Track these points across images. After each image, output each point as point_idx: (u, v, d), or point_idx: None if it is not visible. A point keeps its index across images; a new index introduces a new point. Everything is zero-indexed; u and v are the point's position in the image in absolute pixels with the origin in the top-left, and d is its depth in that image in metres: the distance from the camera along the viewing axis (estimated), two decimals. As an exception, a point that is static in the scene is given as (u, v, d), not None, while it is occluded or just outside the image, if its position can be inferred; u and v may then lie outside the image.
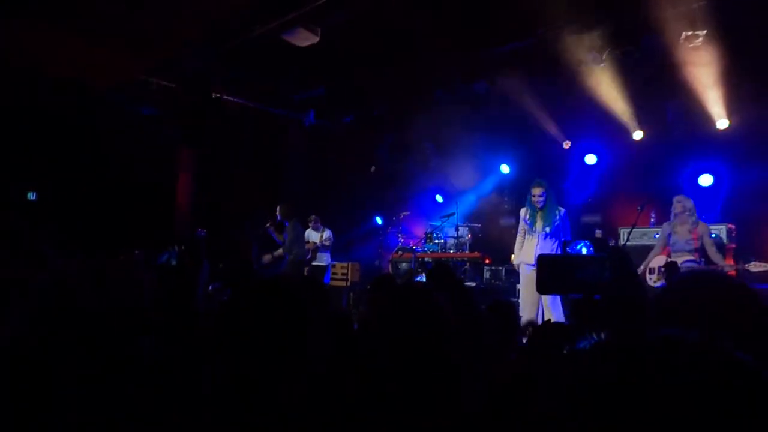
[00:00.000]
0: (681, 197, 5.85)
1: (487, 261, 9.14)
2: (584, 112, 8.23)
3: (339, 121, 10.91)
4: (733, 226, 6.85)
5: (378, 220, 11.53)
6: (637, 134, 8.15)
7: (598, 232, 7.70)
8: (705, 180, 7.75)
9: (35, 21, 6.54)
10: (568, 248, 2.84)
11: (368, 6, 6.72)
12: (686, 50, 6.83)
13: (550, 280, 2.13)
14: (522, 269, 6.04)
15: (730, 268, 5.52)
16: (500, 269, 8.89)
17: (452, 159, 10.64)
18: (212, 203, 9.90)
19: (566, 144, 8.97)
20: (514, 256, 6.30)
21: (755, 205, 7.12)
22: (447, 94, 9.18)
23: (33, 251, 2.01)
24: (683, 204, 5.71)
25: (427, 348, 1.42)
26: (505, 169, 10.06)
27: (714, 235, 6.12)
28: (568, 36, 7.10)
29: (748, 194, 7.19)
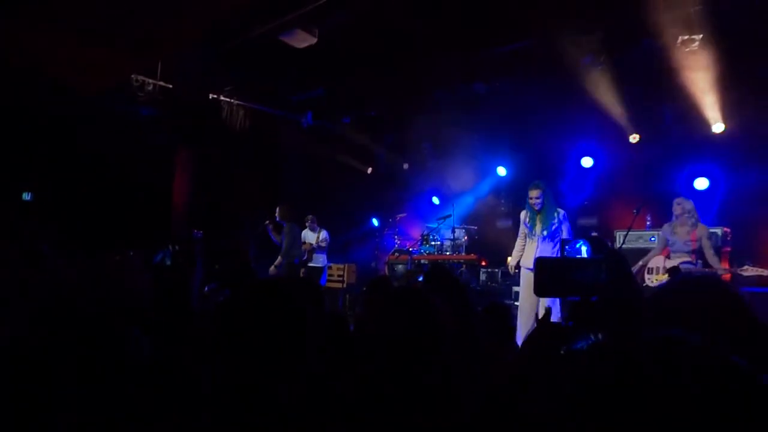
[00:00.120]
0: (680, 199, 5.90)
1: (484, 263, 9.16)
2: (581, 115, 8.25)
3: (337, 122, 10.91)
4: (729, 230, 6.88)
5: (374, 222, 11.54)
6: (634, 137, 8.17)
7: (594, 234, 7.72)
8: (701, 183, 7.77)
9: (31, 21, 6.52)
10: (567, 247, 2.84)
11: (366, 7, 6.72)
12: (683, 54, 6.85)
13: (548, 283, 2.13)
14: (522, 272, 6.03)
15: (725, 272, 5.56)
16: (496, 271, 8.90)
17: (449, 160, 10.66)
18: (210, 204, 9.89)
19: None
20: (511, 258, 6.28)
21: (751, 209, 7.15)
22: (445, 96, 9.18)
23: (31, 251, 2.00)
24: (683, 206, 5.77)
25: (423, 350, 1.42)
26: (502, 172, 10.07)
27: (720, 234, 6.22)
28: (566, 38, 7.11)
29: (744, 198, 7.22)
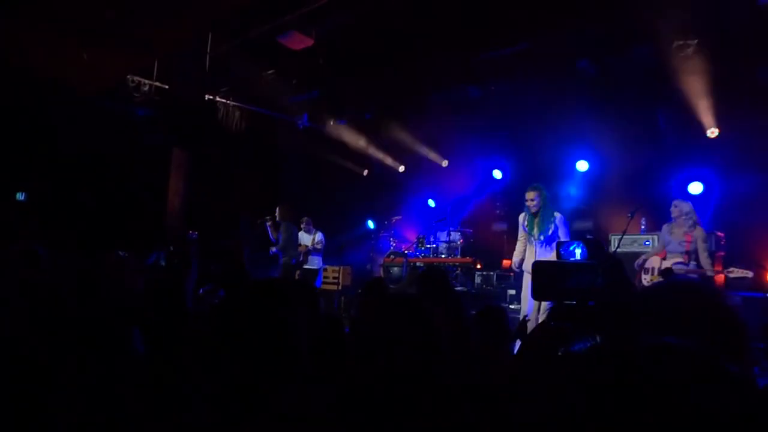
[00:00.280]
0: (678, 201, 5.96)
1: (479, 266, 9.16)
2: (576, 119, 8.28)
3: (333, 124, 10.91)
4: (722, 234, 6.92)
5: (370, 224, 11.54)
6: (627, 142, 8.20)
7: (590, 237, 7.73)
8: (695, 188, 7.81)
9: (28, 21, 6.50)
10: (562, 249, 2.85)
11: (363, 10, 6.73)
12: (678, 59, 6.89)
13: (545, 287, 2.14)
14: (525, 276, 6.00)
15: (713, 273, 5.62)
16: (492, 274, 8.91)
17: (445, 163, 10.70)
18: (205, 205, 9.87)
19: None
20: (514, 258, 6.20)
21: (745, 214, 7.18)
22: (440, 98, 9.20)
23: (27, 252, 2.00)
24: (680, 208, 5.84)
25: (419, 351, 1.42)
26: (498, 174, 10.09)
27: (714, 238, 6.30)
28: (562, 42, 7.14)
29: (738, 202, 7.25)
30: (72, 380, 1.32)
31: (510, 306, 7.78)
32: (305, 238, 9.05)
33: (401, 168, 11.41)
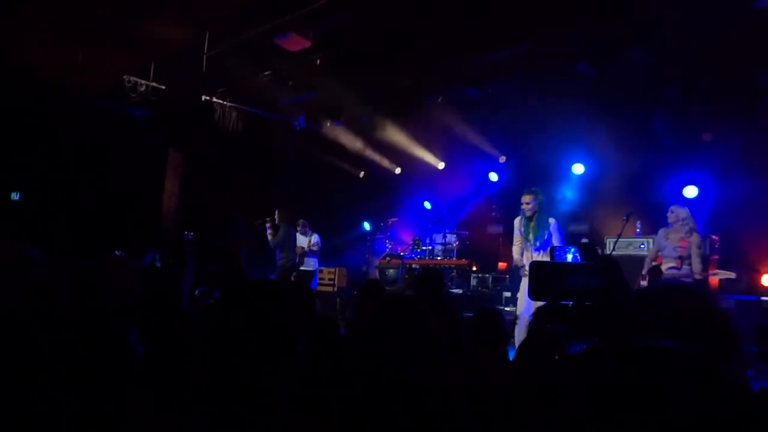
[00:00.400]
0: (675, 207, 5.98)
1: (475, 268, 9.17)
2: (573, 122, 8.30)
3: (330, 125, 10.91)
4: (717, 238, 6.95)
5: (366, 226, 11.54)
6: (623, 146, 8.23)
7: (584, 240, 7.75)
8: (690, 192, 7.84)
9: (24, 22, 6.48)
10: (555, 254, 2.85)
11: (360, 11, 6.74)
12: (672, 62, 6.93)
13: (542, 288, 2.14)
14: (523, 280, 5.97)
15: (700, 277, 5.66)
16: (487, 276, 8.92)
17: (442, 165, 10.71)
18: (201, 205, 9.85)
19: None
20: (515, 256, 6.14)
21: (739, 218, 7.21)
22: (438, 100, 9.21)
23: (23, 252, 1.99)
24: (676, 214, 5.86)
25: (414, 353, 1.42)
26: (494, 177, 10.11)
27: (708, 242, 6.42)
28: (560, 45, 7.16)
29: (733, 206, 7.28)
30: (71, 380, 1.31)
31: (506, 308, 7.80)
32: (301, 240, 9.05)
33: (397, 170, 11.43)
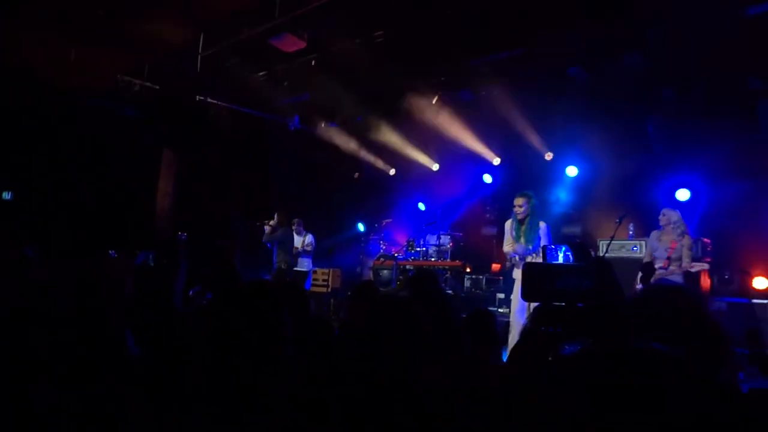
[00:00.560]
0: (666, 210, 6.04)
1: (468, 269, 9.19)
2: (567, 124, 8.34)
3: (324, 126, 10.90)
4: (709, 240, 7.00)
5: (360, 227, 11.53)
6: (617, 149, 8.26)
7: (578, 241, 7.77)
8: (682, 194, 7.89)
9: (20, 22, 6.44)
10: (547, 252, 2.87)
11: (355, 13, 6.74)
12: (665, 67, 6.97)
13: (535, 289, 2.16)
14: (516, 283, 5.97)
15: (690, 267, 5.72)
16: (481, 278, 8.94)
17: (436, 166, 10.72)
18: (195, 206, 9.82)
19: (548, 156, 9.09)
20: (505, 248, 6.11)
21: (731, 220, 7.25)
22: (433, 102, 9.21)
23: (19, 253, 1.98)
24: (668, 217, 5.92)
25: (408, 354, 1.43)
26: (488, 179, 10.14)
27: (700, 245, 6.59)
28: (554, 48, 7.20)
29: (725, 209, 7.33)
30: (71, 380, 1.31)
31: (499, 310, 7.82)
32: (296, 240, 9.03)
33: (392, 171, 11.43)
